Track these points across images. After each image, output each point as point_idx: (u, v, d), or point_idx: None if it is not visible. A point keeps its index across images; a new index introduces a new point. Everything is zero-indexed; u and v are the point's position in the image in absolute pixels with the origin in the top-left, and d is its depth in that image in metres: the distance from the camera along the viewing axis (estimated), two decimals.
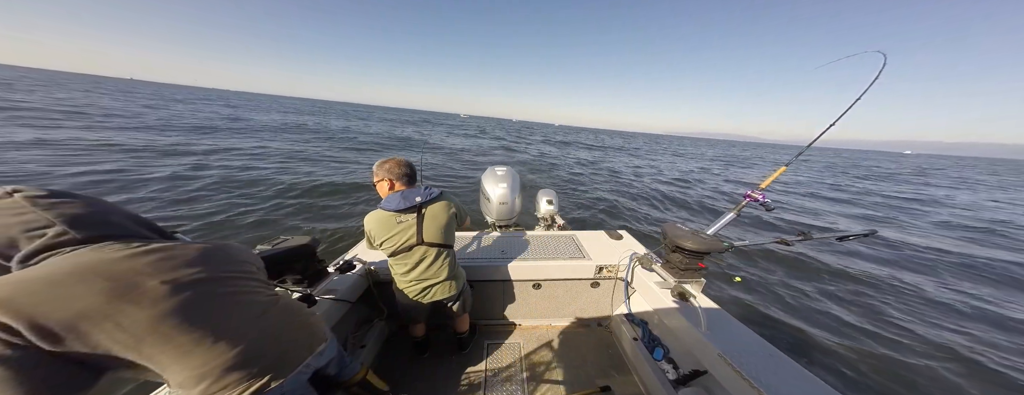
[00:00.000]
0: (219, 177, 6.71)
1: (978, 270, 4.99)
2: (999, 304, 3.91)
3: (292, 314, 0.90)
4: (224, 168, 7.56)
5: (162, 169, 6.90)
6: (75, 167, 6.46)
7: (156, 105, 25.91)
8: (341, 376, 1.18)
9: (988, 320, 3.55)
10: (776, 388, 1.03)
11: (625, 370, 1.74)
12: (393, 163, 1.37)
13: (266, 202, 5.64)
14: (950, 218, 8.73)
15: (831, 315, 3.46)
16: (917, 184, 17.42)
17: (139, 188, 5.65)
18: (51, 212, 0.63)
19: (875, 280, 4.43)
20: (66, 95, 25.91)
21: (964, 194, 14.42)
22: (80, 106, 18.47)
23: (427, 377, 1.69)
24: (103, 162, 7.05)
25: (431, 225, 1.37)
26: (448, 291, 1.48)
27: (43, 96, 22.18)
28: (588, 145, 30.74)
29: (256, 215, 5.03)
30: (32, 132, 9.47)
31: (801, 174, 18.95)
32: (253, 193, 6.03)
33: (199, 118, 19.47)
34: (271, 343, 0.79)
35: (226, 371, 0.69)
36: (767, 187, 1.73)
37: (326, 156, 10.85)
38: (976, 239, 6.86)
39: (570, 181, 10.50)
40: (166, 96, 44.63)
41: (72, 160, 6.96)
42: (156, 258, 0.67)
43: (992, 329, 3.38)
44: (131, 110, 19.28)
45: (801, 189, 12.67)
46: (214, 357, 0.68)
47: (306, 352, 0.88)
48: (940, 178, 22.56)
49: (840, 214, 8.73)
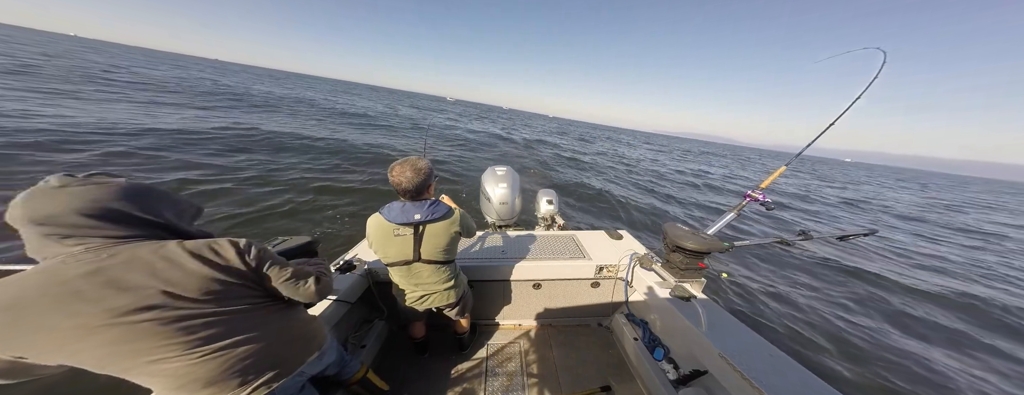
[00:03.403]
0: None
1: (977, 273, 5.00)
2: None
3: (284, 321, 0.85)
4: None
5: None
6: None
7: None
8: (341, 376, 1.18)
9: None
10: (777, 388, 1.03)
11: (625, 370, 1.73)
12: (397, 171, 1.19)
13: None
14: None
15: (831, 315, 3.46)
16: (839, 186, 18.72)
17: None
18: (62, 203, 0.62)
19: (875, 279, 4.44)
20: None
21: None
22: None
23: (427, 377, 1.69)
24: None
25: (430, 243, 1.27)
26: (447, 299, 1.45)
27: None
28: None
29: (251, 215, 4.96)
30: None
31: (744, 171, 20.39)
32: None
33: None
34: (261, 353, 0.76)
35: (208, 384, 0.69)
36: (767, 187, 1.73)
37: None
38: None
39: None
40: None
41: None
42: (121, 271, 0.62)
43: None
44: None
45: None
46: (191, 373, 0.67)
47: (300, 360, 0.86)
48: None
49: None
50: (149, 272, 0.64)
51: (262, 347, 0.76)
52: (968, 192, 30.22)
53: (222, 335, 0.70)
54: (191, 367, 0.67)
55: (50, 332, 0.57)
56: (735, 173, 19.67)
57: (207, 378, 0.68)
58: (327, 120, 14.30)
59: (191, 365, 0.66)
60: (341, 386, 1.23)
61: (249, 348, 0.74)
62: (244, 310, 0.76)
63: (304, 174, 6.27)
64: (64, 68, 16.93)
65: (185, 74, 27.52)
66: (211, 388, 0.69)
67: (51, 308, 0.57)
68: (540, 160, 12.34)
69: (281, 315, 0.85)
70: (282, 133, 9.26)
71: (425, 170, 1.21)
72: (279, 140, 8.55)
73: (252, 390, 0.74)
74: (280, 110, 14.89)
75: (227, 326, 0.72)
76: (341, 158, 7.99)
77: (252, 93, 20.07)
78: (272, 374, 0.77)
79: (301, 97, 24.10)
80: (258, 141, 8.17)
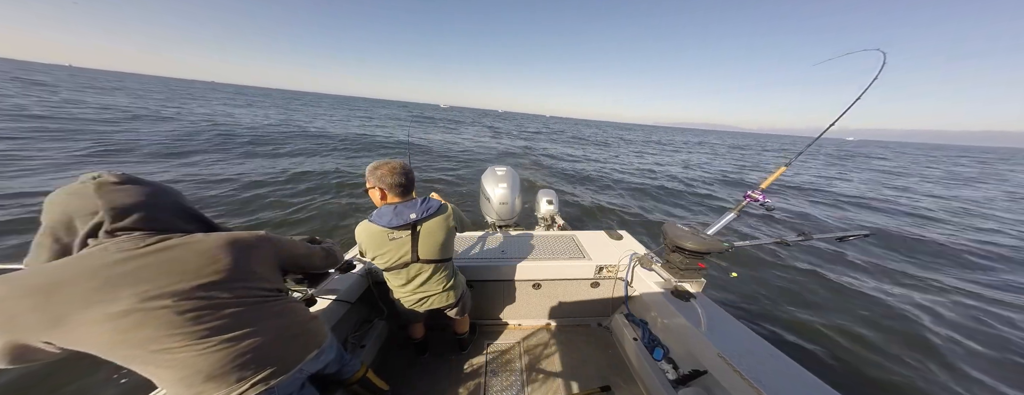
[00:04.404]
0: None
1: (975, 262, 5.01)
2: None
3: (287, 317, 0.87)
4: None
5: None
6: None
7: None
8: (341, 375, 1.18)
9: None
10: (776, 388, 1.03)
11: (625, 370, 1.74)
12: (386, 170, 1.18)
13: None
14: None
15: (831, 314, 3.46)
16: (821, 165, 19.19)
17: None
18: (104, 199, 0.67)
19: (876, 279, 4.44)
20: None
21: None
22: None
23: (427, 377, 1.69)
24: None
25: (427, 242, 1.27)
26: (446, 300, 1.44)
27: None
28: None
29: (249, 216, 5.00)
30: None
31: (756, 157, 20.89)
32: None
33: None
34: (262, 349, 0.77)
35: (209, 378, 0.69)
36: (767, 187, 1.73)
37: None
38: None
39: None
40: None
41: None
42: (155, 261, 0.67)
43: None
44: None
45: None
46: (195, 364, 0.68)
47: (300, 357, 0.86)
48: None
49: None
50: (177, 261, 0.69)
51: (265, 341, 0.78)
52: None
53: (228, 327, 0.72)
54: (195, 358, 0.68)
55: (77, 315, 0.59)
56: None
57: (209, 371, 0.69)
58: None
59: (195, 356, 0.68)
60: (341, 385, 1.23)
61: (252, 341, 0.75)
62: (253, 303, 0.79)
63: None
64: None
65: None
66: (211, 382, 0.70)
67: (84, 292, 0.60)
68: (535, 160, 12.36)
69: (285, 311, 0.87)
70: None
71: (409, 166, 1.25)
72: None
73: (251, 386, 0.74)
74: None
75: (235, 318, 0.74)
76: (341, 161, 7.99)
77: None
78: (272, 370, 0.78)
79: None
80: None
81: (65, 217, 0.66)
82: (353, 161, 9.64)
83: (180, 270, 0.69)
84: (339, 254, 1.20)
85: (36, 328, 0.58)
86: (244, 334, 0.74)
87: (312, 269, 1.10)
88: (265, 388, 0.76)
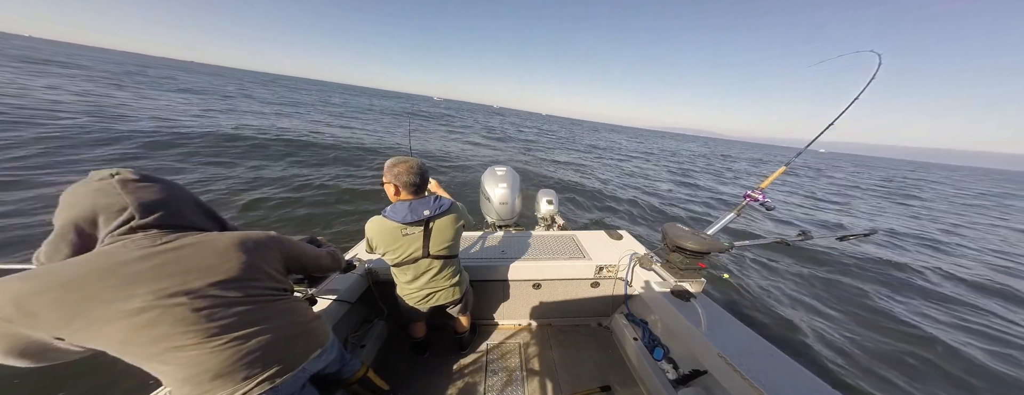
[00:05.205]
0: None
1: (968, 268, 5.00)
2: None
3: (292, 316, 0.88)
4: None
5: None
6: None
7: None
8: (341, 375, 1.18)
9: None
10: (776, 388, 1.03)
11: (625, 370, 1.74)
12: (404, 168, 1.22)
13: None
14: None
15: (832, 314, 3.47)
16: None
17: None
18: (131, 196, 0.68)
19: (875, 279, 4.44)
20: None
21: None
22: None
23: (427, 377, 1.69)
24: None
25: (438, 238, 1.32)
26: (452, 296, 1.47)
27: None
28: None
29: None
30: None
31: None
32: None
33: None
34: (269, 348, 0.78)
35: (217, 376, 0.70)
36: (767, 187, 1.73)
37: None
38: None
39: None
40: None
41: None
42: (173, 258, 0.68)
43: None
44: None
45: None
46: (204, 362, 0.68)
47: (304, 356, 0.87)
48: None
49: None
50: (193, 259, 0.70)
51: (271, 340, 0.78)
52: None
53: (238, 325, 0.73)
54: (204, 356, 0.68)
55: (95, 312, 0.60)
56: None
57: (216, 369, 0.69)
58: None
59: (204, 354, 0.68)
60: (341, 385, 1.23)
61: (260, 340, 0.76)
62: (262, 301, 0.79)
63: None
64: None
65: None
66: (218, 380, 0.70)
67: (103, 289, 0.61)
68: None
69: (290, 310, 0.88)
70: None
71: (424, 166, 1.28)
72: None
73: (256, 384, 0.74)
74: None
75: (244, 316, 0.74)
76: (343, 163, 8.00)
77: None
78: (277, 369, 0.78)
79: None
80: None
81: (90, 214, 0.65)
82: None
83: (196, 268, 0.69)
84: (341, 257, 1.21)
85: (55, 324, 0.58)
86: (252, 332, 0.75)
87: (318, 271, 1.09)
88: (270, 387, 0.76)
